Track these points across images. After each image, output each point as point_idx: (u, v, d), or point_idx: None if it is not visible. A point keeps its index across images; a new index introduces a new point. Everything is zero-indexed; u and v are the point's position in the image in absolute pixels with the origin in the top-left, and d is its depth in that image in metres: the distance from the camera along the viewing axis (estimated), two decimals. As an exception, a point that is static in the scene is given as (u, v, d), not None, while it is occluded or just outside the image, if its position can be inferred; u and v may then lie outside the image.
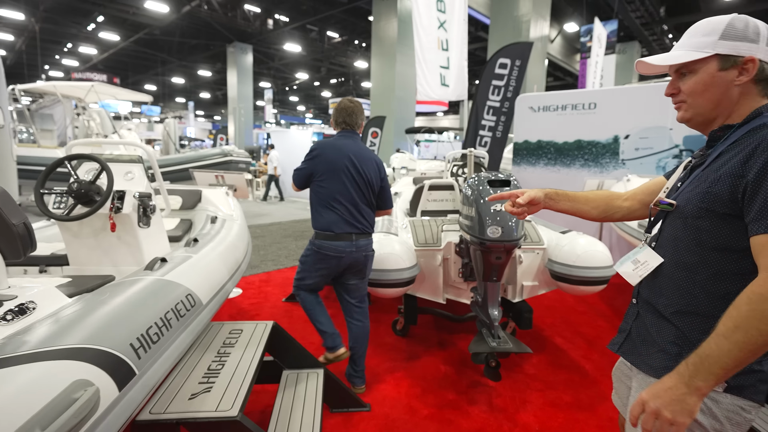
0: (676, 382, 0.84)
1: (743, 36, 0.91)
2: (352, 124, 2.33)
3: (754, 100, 0.94)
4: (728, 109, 0.95)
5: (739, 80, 0.92)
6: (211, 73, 28.96)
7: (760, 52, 0.91)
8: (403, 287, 2.60)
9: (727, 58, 0.92)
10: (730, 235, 0.88)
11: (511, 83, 6.47)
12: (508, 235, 2.18)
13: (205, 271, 1.98)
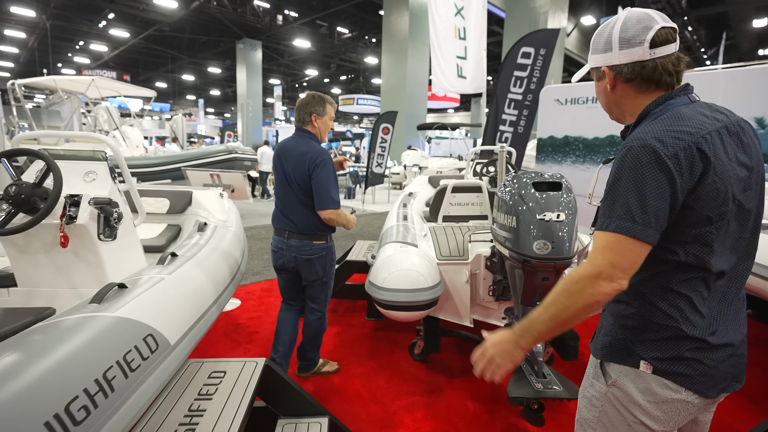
0: (509, 338, 0.99)
1: (599, 48, 1.01)
2: (298, 120, 2.29)
3: (636, 99, 1.00)
4: (619, 109, 1.05)
5: (609, 87, 1.03)
6: (221, 70, 28.76)
7: (614, 58, 0.98)
8: (424, 311, 2.17)
9: (597, 69, 1.05)
10: None
11: (534, 74, 5.98)
12: (560, 251, 1.73)
13: (179, 297, 1.57)
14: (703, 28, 21.27)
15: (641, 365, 0.96)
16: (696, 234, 0.90)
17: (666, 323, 0.94)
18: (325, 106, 2.28)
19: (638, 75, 0.97)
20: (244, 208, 9.08)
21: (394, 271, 2.13)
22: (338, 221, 2.20)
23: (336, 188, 2.18)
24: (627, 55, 0.97)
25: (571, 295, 0.90)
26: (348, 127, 37.63)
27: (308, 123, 2.25)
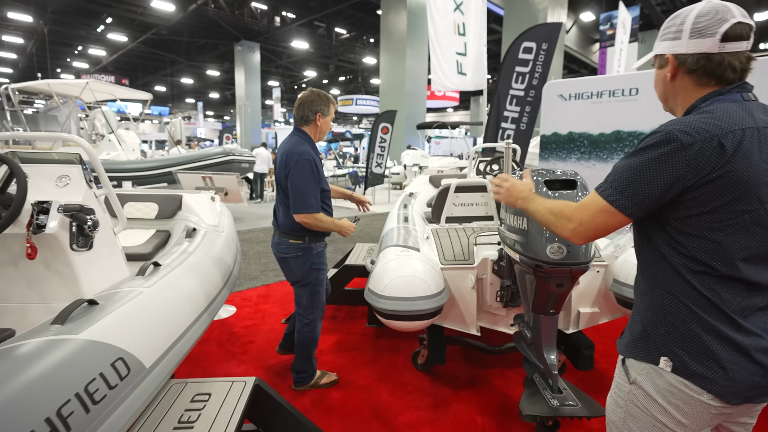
0: (518, 193, 1.25)
1: (668, 35, 0.99)
2: (300, 117, 2.20)
3: (692, 92, 0.99)
4: (673, 101, 1.04)
5: (669, 76, 1.01)
6: (220, 73, 28.69)
7: (681, 47, 0.97)
8: (427, 320, 2.02)
9: (661, 56, 1.03)
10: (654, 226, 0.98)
11: (537, 69, 5.83)
12: (576, 255, 1.58)
13: (159, 312, 1.42)
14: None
15: (661, 362, 0.95)
16: (709, 228, 0.90)
17: (686, 315, 0.93)
18: (329, 106, 2.22)
19: (701, 67, 0.95)
20: (242, 211, 8.94)
21: (394, 278, 1.98)
22: (318, 226, 2.09)
23: (314, 191, 2.05)
24: (695, 46, 0.94)
25: (551, 215, 1.07)
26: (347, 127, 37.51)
27: (311, 121, 2.18)
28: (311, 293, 2.25)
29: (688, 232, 0.92)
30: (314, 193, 2.07)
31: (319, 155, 2.26)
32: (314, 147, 2.22)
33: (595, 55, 22.41)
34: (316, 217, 2.08)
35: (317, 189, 2.09)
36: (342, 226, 2.19)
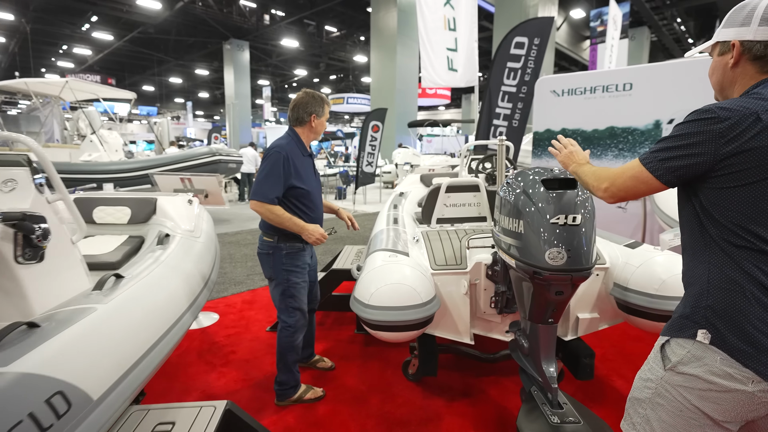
0: (579, 159, 1.35)
1: (735, 22, 1.01)
2: (295, 118, 2.19)
3: (751, 79, 1.01)
4: (731, 88, 1.05)
5: (731, 62, 1.02)
6: (209, 72, 28.30)
7: (749, 33, 0.98)
8: (417, 330, 1.88)
9: (724, 43, 1.04)
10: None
11: (529, 65, 5.71)
12: (577, 260, 1.45)
13: (113, 333, 1.27)
14: (692, 19, 21.21)
15: (699, 335, 0.95)
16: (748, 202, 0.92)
17: (730, 288, 0.94)
18: (324, 107, 2.20)
19: (767, 55, 0.98)
20: (230, 213, 8.74)
21: (382, 286, 1.84)
22: (271, 219, 2.04)
23: (273, 183, 2.02)
24: (764, 33, 0.97)
25: (593, 177, 1.18)
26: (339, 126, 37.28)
27: (305, 122, 2.17)
28: (282, 295, 2.17)
29: (727, 206, 0.94)
30: (274, 184, 2.02)
31: (308, 154, 2.20)
32: (300, 146, 2.17)
33: (585, 52, 22.44)
34: (269, 208, 2.02)
35: (280, 182, 2.03)
36: (304, 228, 2.07)
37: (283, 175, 2.03)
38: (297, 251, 2.17)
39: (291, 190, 2.08)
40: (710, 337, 0.94)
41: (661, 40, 21.64)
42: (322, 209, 2.33)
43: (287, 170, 2.04)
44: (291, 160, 2.06)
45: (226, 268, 4.73)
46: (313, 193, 2.18)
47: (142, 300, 1.52)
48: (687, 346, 0.97)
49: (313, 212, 2.20)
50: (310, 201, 2.16)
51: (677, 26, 20.11)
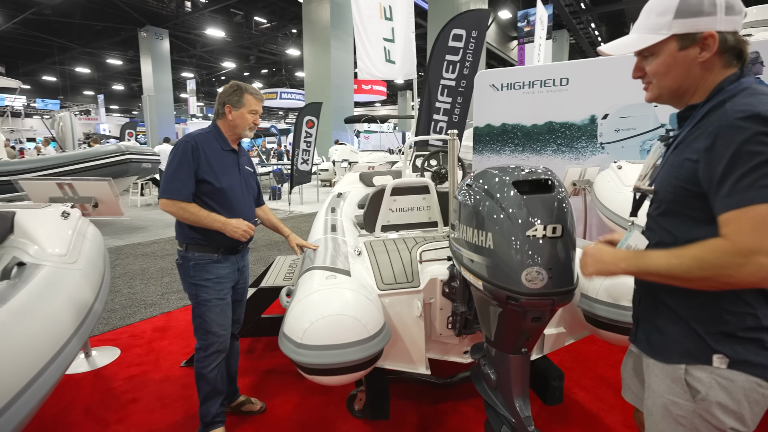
0: (621, 257, 0.98)
1: (699, 10, 0.89)
2: (214, 112, 2.01)
3: (718, 73, 0.92)
4: (694, 85, 0.94)
5: (702, 57, 0.91)
6: (123, 62, 25.67)
7: (719, 23, 0.88)
8: (364, 370, 1.52)
9: (685, 36, 0.91)
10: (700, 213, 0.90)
11: (467, 58, 5.56)
12: (561, 281, 1.17)
13: None
14: (604, 24, 22.97)
15: (714, 360, 0.91)
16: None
17: (742, 311, 0.89)
18: (243, 96, 1.92)
19: (735, 47, 0.91)
20: (147, 218, 7.77)
21: (318, 319, 1.45)
22: (186, 218, 1.80)
23: (183, 177, 1.79)
24: (731, 23, 0.90)
25: (701, 263, 0.84)
26: (273, 122, 35.80)
27: (221, 115, 1.95)
28: (194, 314, 1.91)
29: None
30: (186, 179, 1.79)
31: (229, 149, 1.95)
32: (220, 139, 1.93)
33: (513, 52, 23.45)
34: (182, 206, 1.79)
35: (190, 175, 1.80)
36: (226, 224, 1.83)
37: (191, 168, 1.79)
38: (207, 262, 1.88)
39: (199, 185, 1.83)
40: (728, 361, 0.90)
41: (579, 42, 23.19)
42: (250, 215, 2.02)
43: (195, 161, 1.81)
44: (202, 151, 1.83)
45: (136, 287, 4.03)
46: (228, 191, 1.90)
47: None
48: (712, 379, 0.92)
49: (232, 214, 1.90)
50: (224, 200, 1.89)
51: (592, 30, 21.62)
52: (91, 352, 2.67)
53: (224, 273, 1.91)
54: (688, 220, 0.93)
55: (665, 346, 0.99)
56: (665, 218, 0.98)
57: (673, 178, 0.93)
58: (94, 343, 2.85)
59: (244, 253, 2.06)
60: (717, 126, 0.84)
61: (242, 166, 2.01)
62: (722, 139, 0.83)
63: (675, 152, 0.96)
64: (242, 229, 1.84)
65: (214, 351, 1.90)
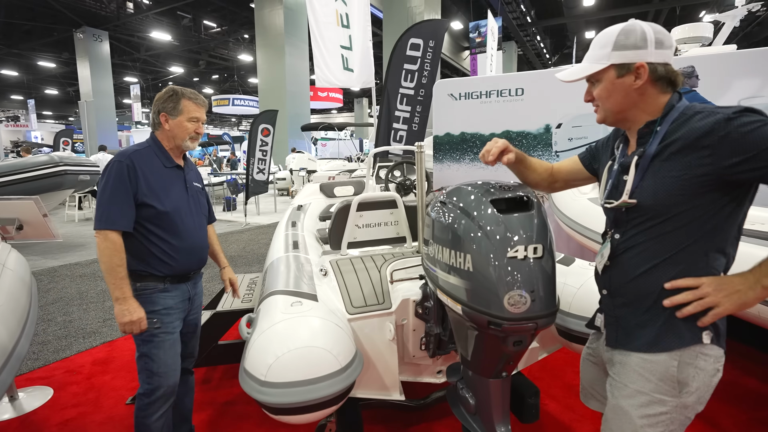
0: (743, 279, 0.95)
1: (632, 44, 1.03)
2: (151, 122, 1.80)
3: (655, 98, 1.06)
4: (634, 109, 1.08)
5: (636, 84, 1.04)
6: (56, 65, 23.85)
7: (650, 56, 1.03)
8: (337, 404, 1.40)
9: (622, 66, 1.05)
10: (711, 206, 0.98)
11: (425, 67, 5.60)
12: (544, 304, 1.12)
13: None
14: (549, 36, 24.24)
15: (704, 337, 1.00)
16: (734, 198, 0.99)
17: None
18: (179, 103, 1.71)
19: (667, 76, 1.05)
20: (86, 234, 7.15)
21: (284, 353, 1.31)
22: (102, 254, 1.55)
23: (115, 204, 1.57)
24: (661, 56, 1.04)
25: None
26: (225, 129, 34.60)
27: (158, 126, 1.75)
28: (138, 354, 1.68)
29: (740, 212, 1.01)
30: (121, 204, 1.57)
31: (174, 165, 1.74)
32: (162, 154, 1.73)
33: (465, 62, 24.14)
34: (108, 237, 1.55)
35: (128, 200, 1.59)
36: (124, 301, 1.55)
37: (128, 191, 1.58)
38: (152, 292, 1.66)
39: (139, 209, 1.62)
40: (711, 336, 1.01)
41: (526, 54, 24.29)
42: (202, 238, 1.82)
43: (133, 184, 1.60)
44: (140, 171, 1.62)
45: (73, 314, 3.64)
46: (174, 214, 1.68)
47: None
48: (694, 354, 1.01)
49: (180, 240, 1.70)
50: (170, 224, 1.67)
51: (537, 43, 22.75)
52: (18, 395, 2.34)
53: (173, 303, 1.70)
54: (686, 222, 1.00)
55: (658, 336, 1.03)
56: (655, 227, 1.04)
57: (673, 183, 0.99)
58: (21, 384, 2.51)
59: (197, 279, 1.84)
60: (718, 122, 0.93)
61: (190, 183, 1.81)
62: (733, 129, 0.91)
63: (662, 163, 1.02)
64: (128, 321, 1.54)
65: (160, 396, 1.66)
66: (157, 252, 1.65)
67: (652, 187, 1.02)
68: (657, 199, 1.01)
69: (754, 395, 2.30)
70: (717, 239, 1.00)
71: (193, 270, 1.77)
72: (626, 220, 1.09)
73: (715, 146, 0.93)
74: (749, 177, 0.93)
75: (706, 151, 0.94)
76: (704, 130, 0.95)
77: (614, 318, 1.14)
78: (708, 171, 0.94)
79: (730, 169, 0.92)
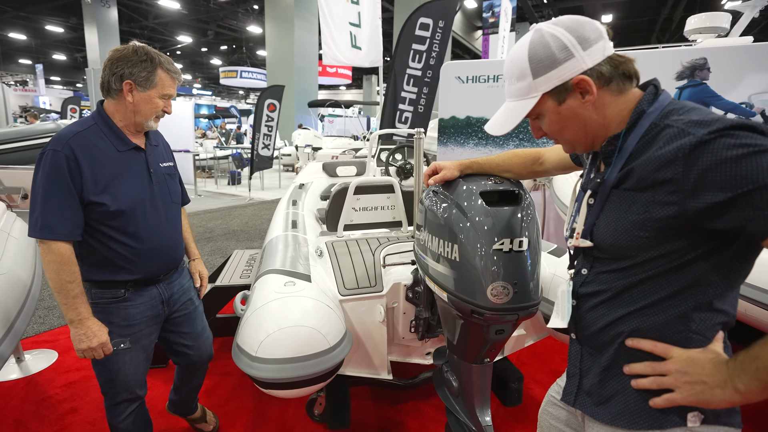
0: (714, 370, 0.71)
1: (553, 61, 0.80)
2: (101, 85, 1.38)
3: (617, 102, 0.82)
4: (602, 125, 0.84)
5: (587, 100, 0.81)
6: (64, 30, 23.59)
7: (583, 62, 0.79)
8: (324, 381, 1.46)
9: (557, 89, 0.81)
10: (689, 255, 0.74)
11: (434, 48, 5.51)
12: (525, 296, 1.15)
13: None
14: (567, 19, 23.55)
15: (689, 419, 0.77)
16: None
17: None
18: (155, 73, 1.35)
19: (615, 72, 0.81)
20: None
21: (275, 331, 1.37)
22: (43, 262, 1.27)
23: (46, 208, 1.24)
24: (595, 54, 0.80)
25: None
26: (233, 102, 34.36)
27: (115, 94, 1.35)
28: (93, 360, 1.40)
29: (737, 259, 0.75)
30: (62, 209, 1.25)
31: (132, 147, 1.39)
32: (111, 133, 1.36)
33: (477, 42, 23.61)
34: (52, 249, 1.24)
35: (71, 201, 1.26)
36: (81, 324, 1.30)
37: (70, 190, 1.25)
38: (110, 302, 1.39)
39: (87, 209, 1.30)
40: (702, 418, 0.77)
41: (542, 35, 23.65)
42: (172, 235, 1.52)
43: (76, 179, 1.26)
44: (82, 162, 1.27)
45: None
46: (131, 212, 1.37)
47: None
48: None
49: (141, 242, 1.40)
50: (128, 224, 1.37)
51: (553, 25, 22.15)
52: (24, 357, 2.44)
53: (136, 312, 1.43)
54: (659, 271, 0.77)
55: (624, 408, 0.82)
56: (621, 272, 0.82)
57: (633, 224, 0.77)
58: (28, 346, 2.62)
59: (173, 278, 1.55)
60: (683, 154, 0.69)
61: (155, 167, 1.45)
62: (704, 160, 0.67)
63: (621, 195, 0.80)
64: (89, 348, 1.30)
65: (123, 400, 1.49)
66: (114, 257, 1.36)
67: (612, 225, 0.81)
68: (616, 241, 0.80)
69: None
70: (704, 295, 0.76)
71: (161, 273, 1.50)
72: (593, 257, 0.89)
73: (678, 181, 0.69)
74: (727, 226, 0.67)
75: (671, 187, 0.70)
76: (666, 159, 0.70)
77: (578, 370, 0.95)
78: (673, 213, 0.71)
79: (703, 214, 0.68)
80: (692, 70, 3.58)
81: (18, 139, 5.42)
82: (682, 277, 0.76)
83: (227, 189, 9.71)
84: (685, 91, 3.64)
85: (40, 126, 5.90)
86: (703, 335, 0.77)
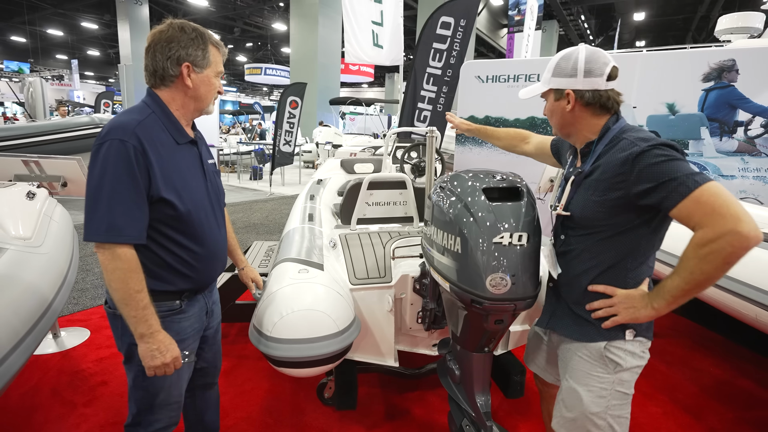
0: (640, 299, 1.12)
1: (564, 72, 1.20)
2: (152, 73, 1.21)
3: (591, 120, 1.21)
4: (574, 128, 1.24)
5: (568, 107, 1.21)
6: (99, 26, 24.48)
7: (577, 84, 1.18)
8: (333, 363, 1.56)
9: (557, 90, 1.23)
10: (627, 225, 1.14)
11: (455, 47, 5.53)
12: (523, 288, 1.22)
13: None
14: (594, 17, 23.01)
15: (627, 334, 1.17)
16: None
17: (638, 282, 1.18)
18: (207, 50, 1.21)
19: (596, 101, 1.18)
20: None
21: (288, 314, 1.47)
22: (113, 279, 1.07)
23: (112, 207, 1.05)
24: (589, 83, 1.16)
25: (704, 258, 0.97)
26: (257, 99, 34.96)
27: (172, 81, 1.19)
28: (134, 384, 1.26)
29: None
30: (129, 207, 1.07)
31: (188, 140, 1.25)
32: (171, 125, 1.21)
33: (502, 40, 23.31)
34: (118, 255, 1.06)
35: (140, 200, 1.09)
36: (152, 338, 1.11)
37: (137, 187, 1.07)
38: (166, 314, 1.21)
39: (154, 209, 1.13)
40: (635, 332, 1.18)
41: (568, 34, 23.23)
42: (223, 238, 1.38)
43: (144, 173, 1.09)
44: (151, 154, 1.11)
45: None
46: (196, 213, 1.22)
47: None
48: (622, 350, 1.18)
49: (203, 246, 1.26)
50: (193, 226, 1.22)
51: (581, 23, 21.66)
52: (60, 333, 2.63)
53: (188, 325, 1.28)
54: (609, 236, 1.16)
55: (586, 329, 1.21)
56: (585, 236, 1.20)
57: (595, 202, 1.14)
58: (63, 324, 2.81)
59: (213, 286, 1.44)
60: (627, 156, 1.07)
61: (206, 163, 1.32)
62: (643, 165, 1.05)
63: (592, 180, 1.16)
64: (163, 365, 1.14)
65: (160, 428, 1.30)
66: (175, 263, 1.20)
67: (582, 202, 1.18)
68: (584, 214, 1.18)
69: (745, 395, 2.35)
70: (636, 254, 1.15)
71: (215, 279, 1.39)
72: (567, 226, 1.25)
73: (626, 174, 1.07)
74: (652, 203, 1.05)
75: (621, 177, 1.08)
76: (621, 160, 1.08)
77: (552, 306, 1.34)
78: (621, 195, 1.09)
79: (639, 196, 1.06)
80: (720, 72, 3.51)
81: (59, 130, 5.73)
82: (624, 241, 1.14)
83: (249, 184, 9.96)
84: (712, 93, 3.56)
85: (77, 119, 6.22)
86: (636, 281, 1.17)
